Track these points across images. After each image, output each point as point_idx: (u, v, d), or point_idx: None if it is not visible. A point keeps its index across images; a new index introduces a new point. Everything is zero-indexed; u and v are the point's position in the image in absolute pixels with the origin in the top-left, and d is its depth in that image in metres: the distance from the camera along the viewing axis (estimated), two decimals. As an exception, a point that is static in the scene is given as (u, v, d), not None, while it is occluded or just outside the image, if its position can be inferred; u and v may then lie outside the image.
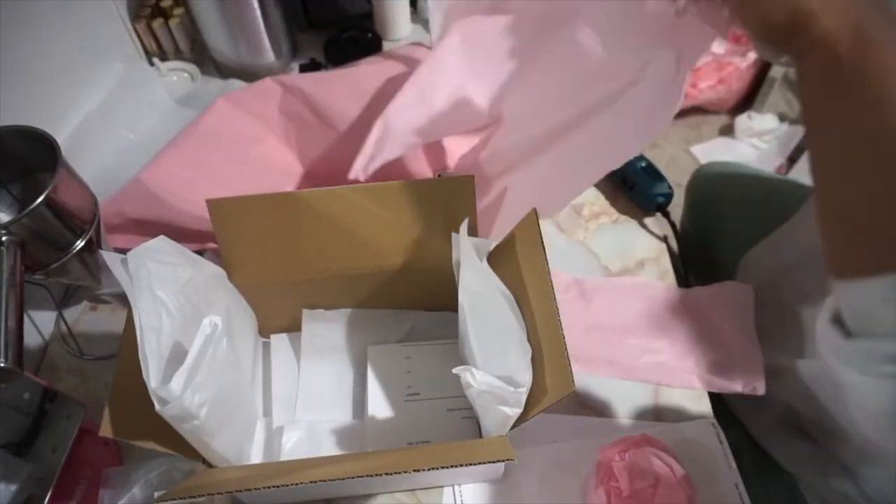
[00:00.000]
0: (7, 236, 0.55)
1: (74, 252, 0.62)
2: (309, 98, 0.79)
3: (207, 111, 0.81)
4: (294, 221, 0.62)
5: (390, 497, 0.64)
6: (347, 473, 0.49)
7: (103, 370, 0.73)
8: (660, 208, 0.84)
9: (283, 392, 0.70)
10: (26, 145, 0.61)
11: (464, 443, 0.62)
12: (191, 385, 0.49)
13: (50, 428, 0.62)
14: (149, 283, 0.52)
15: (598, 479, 0.59)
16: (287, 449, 0.65)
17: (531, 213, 0.59)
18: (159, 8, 0.98)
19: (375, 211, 0.62)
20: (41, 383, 0.62)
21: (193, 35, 1.01)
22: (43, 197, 0.56)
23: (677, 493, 0.57)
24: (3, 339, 0.51)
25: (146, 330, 0.50)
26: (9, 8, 0.71)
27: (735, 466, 0.65)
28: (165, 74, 0.98)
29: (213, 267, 0.62)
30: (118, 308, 0.78)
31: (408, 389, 0.67)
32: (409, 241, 0.64)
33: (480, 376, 0.52)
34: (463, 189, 0.62)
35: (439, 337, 0.71)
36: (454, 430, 0.65)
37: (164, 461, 0.63)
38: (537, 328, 0.56)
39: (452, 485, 0.64)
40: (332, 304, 0.71)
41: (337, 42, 1.01)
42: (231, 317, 0.63)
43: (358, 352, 0.71)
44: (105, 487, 0.62)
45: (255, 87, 0.83)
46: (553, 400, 0.50)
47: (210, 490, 0.50)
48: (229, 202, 0.60)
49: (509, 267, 0.61)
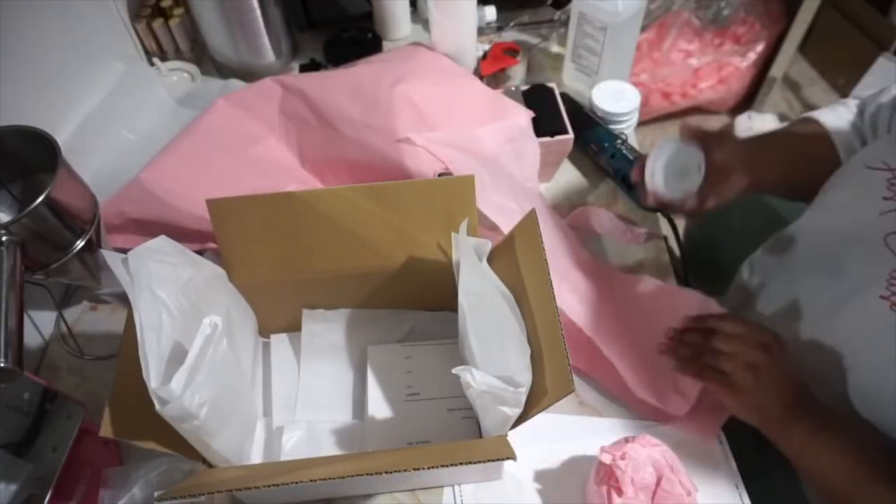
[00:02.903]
0: (7, 236, 0.55)
1: (74, 252, 0.62)
2: (309, 98, 0.79)
3: (207, 111, 0.81)
4: (294, 221, 0.62)
5: (390, 497, 0.64)
6: (347, 473, 0.49)
7: (103, 370, 0.73)
8: (659, 208, 0.83)
9: (283, 392, 0.70)
10: (26, 145, 0.61)
11: (464, 442, 0.62)
12: (191, 385, 0.49)
13: (50, 428, 0.62)
14: (149, 283, 0.52)
15: (598, 479, 0.59)
16: (287, 449, 0.65)
17: (531, 214, 0.59)
18: (159, 8, 0.98)
19: (375, 211, 0.62)
20: (41, 383, 0.62)
21: (193, 35, 1.01)
22: (43, 197, 0.56)
23: (677, 493, 0.57)
24: (4, 339, 0.51)
25: (146, 330, 0.50)
26: (9, 8, 0.71)
27: (735, 466, 0.65)
28: (165, 74, 0.98)
29: (213, 267, 0.62)
30: (118, 308, 0.78)
31: (408, 389, 0.67)
32: (409, 241, 0.64)
33: (480, 376, 0.52)
34: (463, 189, 0.62)
35: (439, 337, 0.71)
36: (454, 430, 0.65)
37: (164, 461, 0.63)
38: (537, 328, 0.56)
39: (452, 485, 0.64)
40: (332, 304, 0.71)
41: (337, 42, 1.01)
42: (231, 317, 0.63)
43: (358, 352, 0.71)
44: (105, 487, 0.62)
45: (255, 87, 0.83)
46: (553, 400, 0.50)
47: (210, 489, 0.50)
48: (229, 202, 0.60)
49: (509, 267, 0.61)
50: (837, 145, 0.71)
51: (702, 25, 1.71)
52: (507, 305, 0.59)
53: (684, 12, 1.68)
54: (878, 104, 0.70)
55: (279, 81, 0.82)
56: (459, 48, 0.90)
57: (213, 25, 0.93)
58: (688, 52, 1.71)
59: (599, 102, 0.88)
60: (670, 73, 1.72)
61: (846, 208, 0.63)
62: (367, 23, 1.04)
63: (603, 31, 0.88)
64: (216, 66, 1.00)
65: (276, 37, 0.96)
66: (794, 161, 0.71)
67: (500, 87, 0.88)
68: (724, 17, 1.70)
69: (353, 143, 0.77)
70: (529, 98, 0.85)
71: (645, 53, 1.70)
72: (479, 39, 0.98)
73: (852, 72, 1.71)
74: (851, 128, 0.72)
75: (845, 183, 0.64)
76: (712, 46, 1.73)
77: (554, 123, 0.82)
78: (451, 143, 0.75)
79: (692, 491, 0.58)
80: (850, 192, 0.63)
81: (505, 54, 0.95)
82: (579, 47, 0.93)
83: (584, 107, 0.90)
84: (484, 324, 0.59)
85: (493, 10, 1.03)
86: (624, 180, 0.85)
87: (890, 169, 0.59)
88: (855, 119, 0.73)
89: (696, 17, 1.69)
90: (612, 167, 0.86)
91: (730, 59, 1.75)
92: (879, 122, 0.69)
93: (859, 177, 0.62)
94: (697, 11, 1.69)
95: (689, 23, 1.70)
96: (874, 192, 0.59)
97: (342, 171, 0.80)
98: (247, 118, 0.81)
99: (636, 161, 0.83)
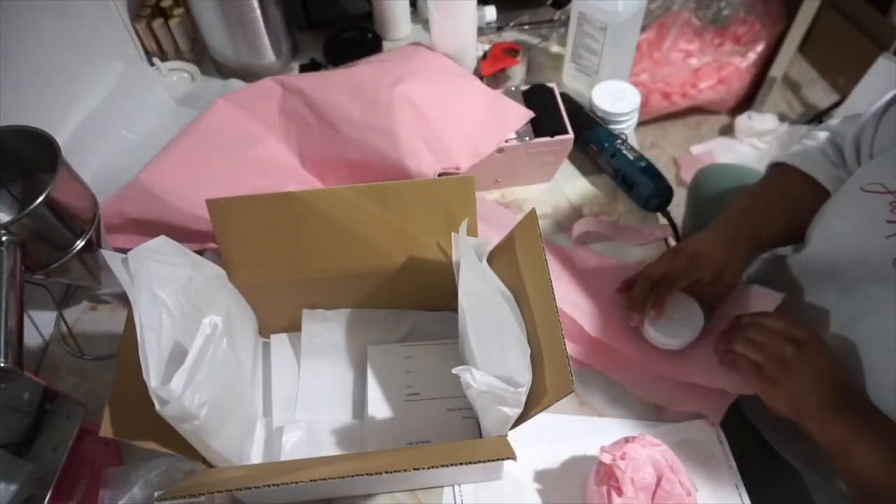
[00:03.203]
0: (7, 236, 0.55)
1: (74, 252, 0.62)
2: (309, 98, 0.79)
3: (207, 111, 0.81)
4: (294, 221, 0.62)
5: (390, 497, 0.64)
6: (347, 473, 0.49)
7: (103, 370, 0.73)
8: (660, 208, 0.84)
9: (283, 392, 0.70)
10: (26, 145, 0.61)
11: (464, 442, 0.62)
12: (191, 385, 0.49)
13: (50, 428, 0.62)
14: (149, 283, 0.52)
15: (598, 479, 0.59)
16: (287, 449, 0.65)
17: (531, 214, 0.59)
18: (159, 8, 0.98)
19: (375, 211, 0.62)
20: (41, 383, 0.62)
21: (193, 35, 1.01)
22: (43, 197, 0.56)
23: (677, 493, 0.57)
24: (4, 339, 0.51)
25: (146, 330, 0.50)
26: (9, 8, 0.71)
27: (735, 466, 0.65)
28: (165, 74, 0.98)
29: (213, 267, 0.62)
30: (118, 308, 0.78)
31: (408, 389, 0.67)
32: (409, 241, 0.64)
33: (480, 376, 0.52)
34: (463, 189, 0.62)
35: (439, 337, 0.71)
36: (454, 430, 0.65)
37: (164, 461, 0.63)
38: (537, 328, 0.56)
39: (452, 485, 0.64)
40: (332, 304, 0.71)
41: (337, 42, 1.01)
42: (231, 317, 0.63)
43: (358, 352, 0.71)
44: (105, 487, 0.62)
45: (255, 87, 0.83)
46: (553, 400, 0.50)
47: (210, 489, 0.50)
48: (229, 202, 0.60)
49: (509, 267, 0.61)
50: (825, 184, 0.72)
51: (702, 25, 1.71)
52: (507, 305, 0.59)
53: (684, 12, 1.68)
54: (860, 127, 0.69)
55: (279, 81, 0.82)
56: (459, 48, 0.90)
57: (213, 25, 0.93)
58: (688, 52, 1.71)
59: (599, 102, 0.88)
60: (670, 73, 1.72)
61: (850, 234, 0.63)
62: (367, 23, 1.04)
63: (603, 31, 0.88)
64: (216, 66, 1.00)
65: (276, 37, 0.96)
66: (787, 220, 0.73)
67: (500, 87, 0.88)
68: (724, 17, 1.71)
69: (353, 143, 0.77)
70: (529, 98, 0.85)
71: (645, 53, 1.70)
72: (479, 39, 0.98)
73: (852, 72, 1.71)
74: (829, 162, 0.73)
75: (845, 209, 0.65)
76: (712, 46, 1.73)
77: (554, 123, 0.82)
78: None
79: (692, 491, 0.58)
80: (852, 218, 0.63)
81: (505, 54, 0.95)
82: (579, 47, 0.93)
83: (584, 107, 0.90)
84: (484, 324, 0.59)
85: (493, 10, 1.03)
86: (624, 180, 0.85)
87: (889, 192, 0.59)
88: (829, 150, 0.73)
89: (696, 17, 1.70)
90: (612, 167, 0.86)
91: (730, 59, 1.75)
92: (862, 144, 0.69)
93: (858, 201, 0.62)
94: (697, 11, 1.69)
95: (689, 23, 1.70)
96: (877, 216, 0.60)
97: (342, 171, 0.80)
98: (247, 118, 0.81)
99: (636, 161, 0.83)
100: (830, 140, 0.74)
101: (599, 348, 0.71)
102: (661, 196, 0.82)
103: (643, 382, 0.69)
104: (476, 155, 0.79)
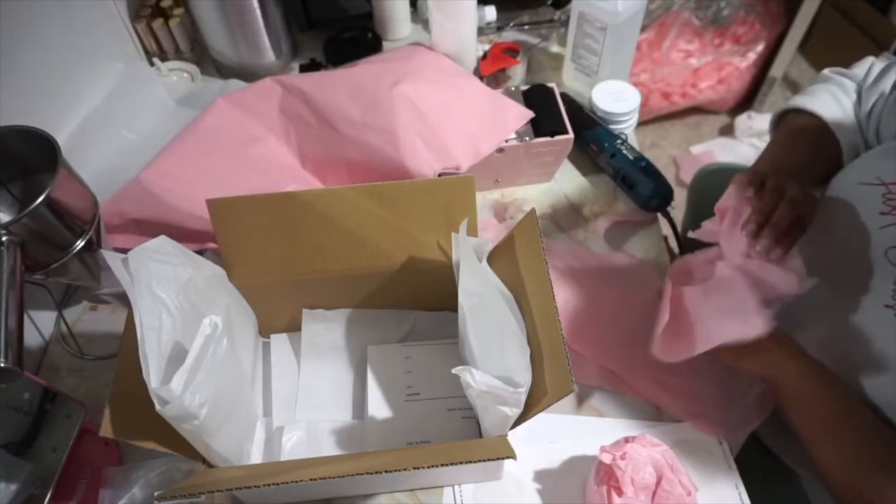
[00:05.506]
0: (7, 236, 0.55)
1: (74, 252, 0.62)
2: (309, 98, 0.79)
3: (207, 111, 0.81)
4: (294, 221, 0.62)
5: (390, 497, 0.64)
6: (347, 472, 0.49)
7: (103, 370, 0.73)
8: (660, 208, 0.84)
9: (283, 392, 0.70)
10: (26, 145, 0.61)
11: (464, 442, 0.62)
12: (191, 385, 0.49)
13: (50, 428, 0.62)
14: (149, 283, 0.52)
15: (598, 479, 0.59)
16: (287, 449, 0.65)
17: (530, 214, 0.59)
18: (159, 8, 0.98)
19: (375, 211, 0.62)
20: (41, 383, 0.62)
21: (193, 35, 1.01)
22: (43, 197, 0.56)
23: (677, 493, 0.57)
24: (4, 339, 0.51)
25: (146, 330, 0.50)
26: (8, 8, 0.71)
27: (735, 466, 0.65)
28: (165, 74, 0.98)
29: (213, 267, 0.62)
30: (118, 308, 0.78)
31: (408, 389, 0.67)
32: (409, 241, 0.64)
33: (480, 376, 0.52)
34: (463, 189, 0.62)
35: (439, 337, 0.71)
36: (454, 430, 0.65)
37: (164, 461, 0.63)
38: (537, 328, 0.56)
39: (452, 485, 0.64)
40: (332, 304, 0.71)
41: (337, 42, 1.01)
42: (231, 317, 0.63)
43: (358, 352, 0.71)
44: (105, 487, 0.62)
45: (255, 87, 0.83)
46: (553, 400, 0.50)
47: (210, 488, 0.50)
48: (229, 202, 0.60)
49: (509, 267, 0.61)
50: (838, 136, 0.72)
51: (702, 25, 1.71)
52: (506, 305, 0.59)
53: (684, 12, 1.68)
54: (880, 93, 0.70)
55: (279, 81, 0.82)
56: (459, 48, 0.90)
57: (213, 25, 0.93)
58: (688, 52, 1.71)
59: (599, 102, 0.88)
60: (670, 72, 1.72)
61: (844, 225, 0.63)
62: (367, 23, 1.04)
63: (603, 31, 0.88)
64: (216, 66, 1.00)
65: (276, 37, 0.96)
66: (809, 161, 0.72)
67: (500, 87, 0.88)
68: (724, 17, 1.71)
69: (353, 142, 0.77)
70: (529, 98, 0.85)
71: (645, 53, 1.70)
72: (479, 39, 0.98)
73: (852, 72, 1.71)
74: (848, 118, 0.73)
75: (840, 201, 0.65)
76: (712, 46, 1.73)
77: (554, 123, 0.82)
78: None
79: (692, 491, 0.58)
80: (846, 209, 0.63)
81: (505, 54, 0.95)
82: (579, 47, 0.93)
83: (584, 107, 0.90)
84: (484, 324, 0.59)
85: (493, 10, 1.03)
86: (624, 180, 0.85)
87: (884, 184, 0.60)
88: (853, 107, 0.73)
89: (696, 17, 1.70)
90: (612, 167, 0.86)
91: (730, 59, 1.75)
92: (882, 128, 0.69)
93: (853, 194, 0.63)
94: (697, 11, 1.69)
95: (689, 23, 1.70)
96: (870, 208, 0.60)
97: (342, 171, 0.80)
98: (247, 118, 0.81)
99: (636, 161, 0.83)
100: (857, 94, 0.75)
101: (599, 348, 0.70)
102: (661, 196, 0.82)
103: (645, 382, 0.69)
104: (476, 155, 0.79)
